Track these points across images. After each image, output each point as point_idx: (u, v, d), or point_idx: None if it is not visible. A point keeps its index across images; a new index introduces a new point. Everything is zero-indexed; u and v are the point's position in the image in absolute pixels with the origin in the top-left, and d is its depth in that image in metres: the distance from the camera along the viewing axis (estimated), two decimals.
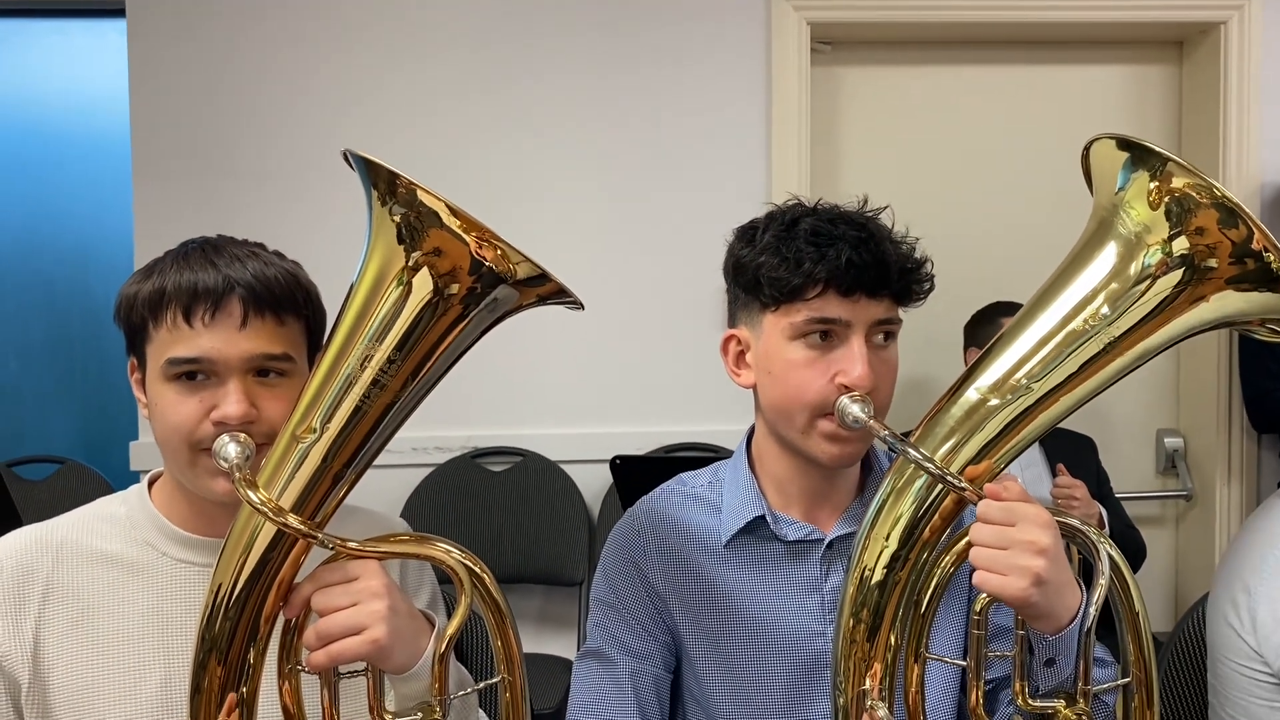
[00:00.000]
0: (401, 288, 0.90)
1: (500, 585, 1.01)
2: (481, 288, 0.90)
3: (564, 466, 2.78)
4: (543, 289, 0.92)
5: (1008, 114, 2.94)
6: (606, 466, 2.73)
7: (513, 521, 2.75)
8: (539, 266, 0.90)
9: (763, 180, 2.76)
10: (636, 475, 1.97)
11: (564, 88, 2.75)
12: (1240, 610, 1.23)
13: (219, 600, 0.95)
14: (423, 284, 0.90)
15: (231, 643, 0.95)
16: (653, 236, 2.77)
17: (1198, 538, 2.94)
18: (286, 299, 1.06)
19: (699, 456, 2.68)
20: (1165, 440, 2.97)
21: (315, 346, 1.12)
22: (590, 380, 2.79)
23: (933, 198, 2.90)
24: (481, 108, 2.74)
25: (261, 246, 1.11)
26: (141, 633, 1.08)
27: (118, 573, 1.10)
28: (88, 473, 2.84)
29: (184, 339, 1.03)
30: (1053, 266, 1.08)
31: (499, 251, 0.88)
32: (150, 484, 1.16)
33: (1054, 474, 2.29)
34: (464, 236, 0.88)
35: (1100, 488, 2.49)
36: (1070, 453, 2.44)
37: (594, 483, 2.78)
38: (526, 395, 2.78)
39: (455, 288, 0.89)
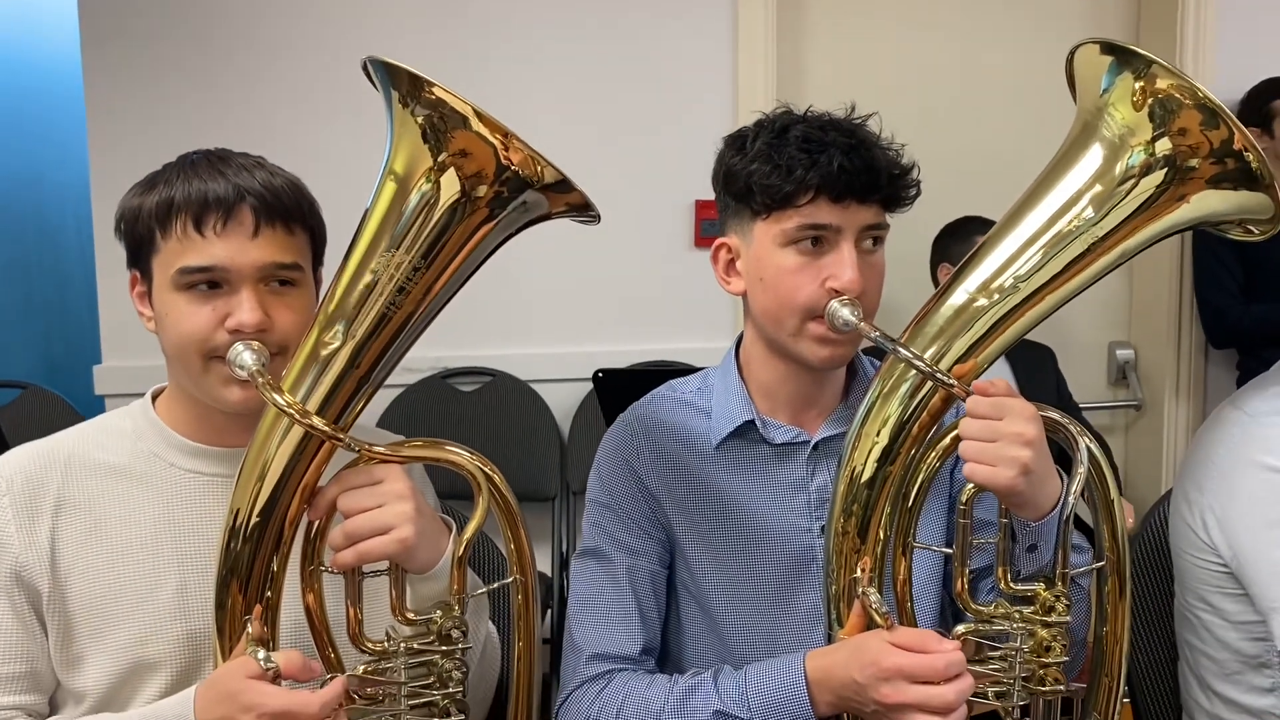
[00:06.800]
0: (430, 185, 0.91)
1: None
2: (509, 191, 0.90)
3: (534, 385, 2.79)
4: (570, 197, 0.93)
5: (967, 29, 2.94)
6: (577, 385, 2.76)
7: (484, 441, 2.77)
8: (561, 173, 0.91)
9: (729, 95, 2.76)
10: (619, 388, 2.00)
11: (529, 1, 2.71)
12: (1193, 507, 1.31)
13: (238, 524, 0.97)
14: (450, 184, 0.90)
15: (252, 566, 0.97)
16: (620, 153, 2.74)
17: (1146, 446, 3.05)
18: (294, 209, 1.06)
19: (670, 373, 2.71)
20: (1117, 352, 3.06)
21: (318, 259, 1.13)
22: (560, 299, 2.79)
23: (896, 107, 2.89)
24: (448, 23, 2.68)
25: (262, 159, 1.10)
26: (155, 541, 1.10)
27: (127, 484, 1.11)
28: (50, 397, 2.80)
29: (196, 248, 1.03)
30: (1015, 178, 1.11)
31: (526, 155, 0.89)
32: (153, 399, 1.17)
33: (1017, 384, 2.35)
34: (491, 138, 0.88)
35: (1060, 393, 2.57)
36: (1032, 362, 2.51)
37: (565, 401, 2.80)
38: (496, 315, 2.78)
39: (483, 189, 0.90)
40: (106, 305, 2.65)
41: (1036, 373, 2.48)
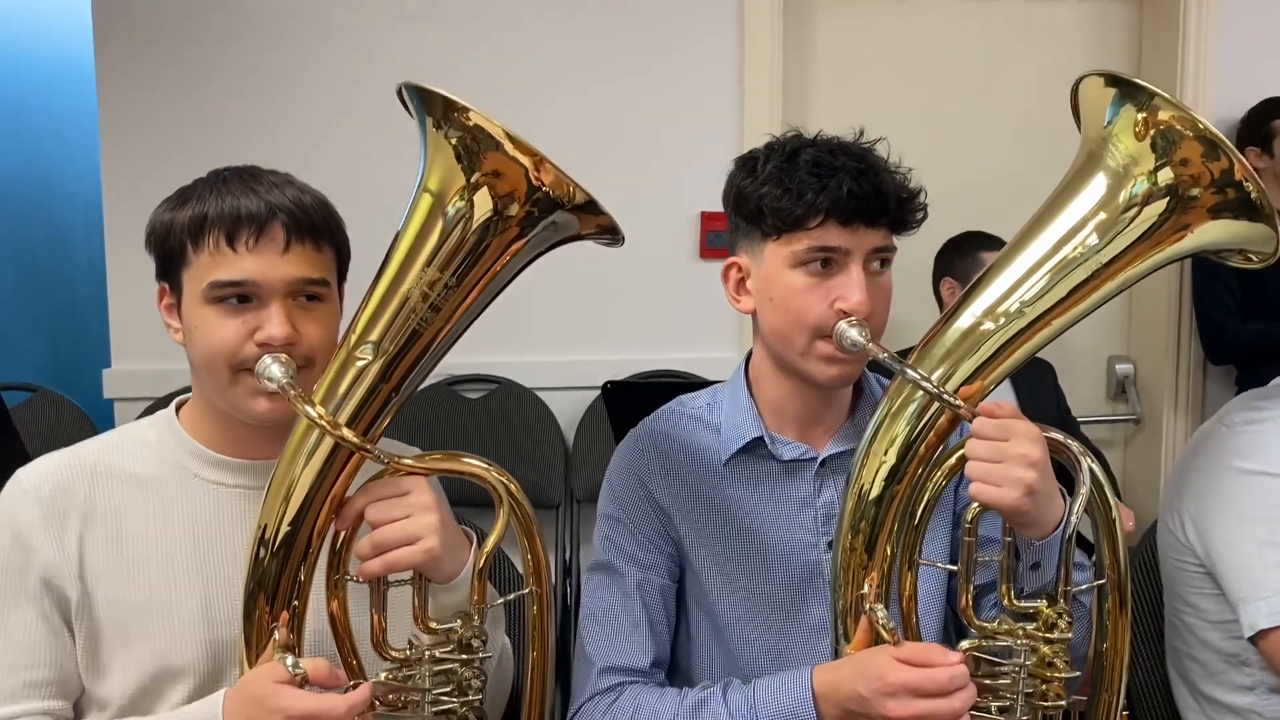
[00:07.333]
0: (464, 202, 0.94)
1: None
2: (539, 211, 0.94)
3: (539, 393, 2.82)
4: (600, 219, 0.96)
5: (971, 47, 2.97)
6: (582, 394, 2.78)
7: (489, 449, 2.79)
8: (589, 194, 0.94)
9: (735, 107, 2.79)
10: (627, 399, 2.02)
11: (536, 14, 2.73)
12: (1174, 511, 1.38)
13: (266, 536, 0.99)
14: (483, 202, 0.93)
15: (280, 578, 1.00)
16: (626, 164, 2.77)
17: (1145, 460, 3.08)
18: (323, 226, 1.09)
19: (678, 385, 2.73)
20: (1116, 366, 3.09)
21: (342, 276, 1.15)
22: (566, 308, 2.81)
23: (897, 127, 2.92)
24: (452, 36, 2.71)
25: (291, 176, 1.13)
26: (179, 551, 1.12)
27: (152, 494, 1.14)
28: (60, 400, 2.80)
29: (227, 263, 1.06)
30: (1014, 197, 1.14)
31: (557, 176, 0.92)
32: (177, 409, 1.19)
33: (1018, 399, 2.38)
34: (522, 160, 0.92)
35: (1060, 409, 2.60)
36: (1032, 377, 2.54)
37: (570, 409, 2.83)
38: (502, 323, 2.77)
39: (514, 209, 0.93)
40: (116, 309, 2.67)
41: (1037, 388, 2.51)
